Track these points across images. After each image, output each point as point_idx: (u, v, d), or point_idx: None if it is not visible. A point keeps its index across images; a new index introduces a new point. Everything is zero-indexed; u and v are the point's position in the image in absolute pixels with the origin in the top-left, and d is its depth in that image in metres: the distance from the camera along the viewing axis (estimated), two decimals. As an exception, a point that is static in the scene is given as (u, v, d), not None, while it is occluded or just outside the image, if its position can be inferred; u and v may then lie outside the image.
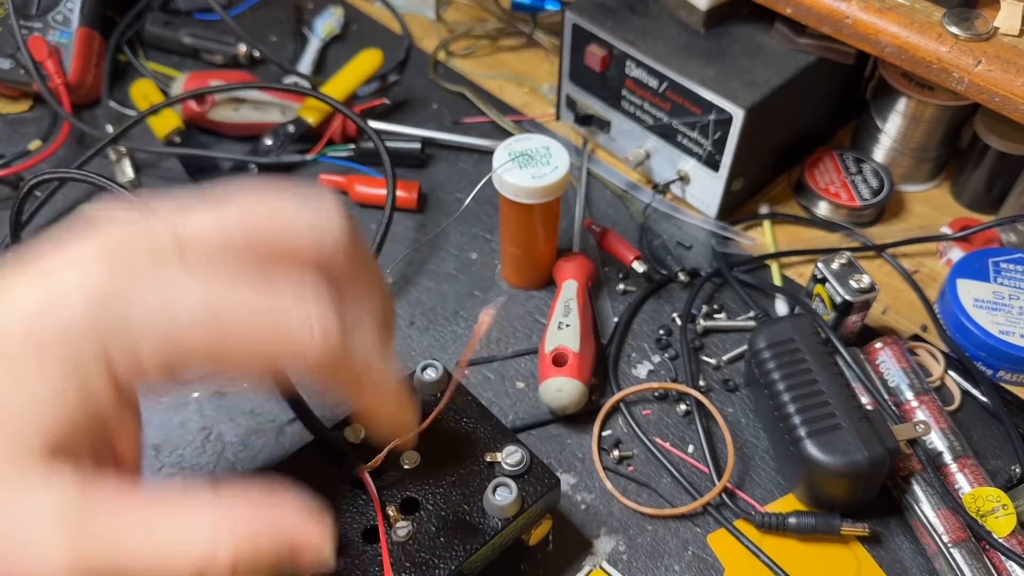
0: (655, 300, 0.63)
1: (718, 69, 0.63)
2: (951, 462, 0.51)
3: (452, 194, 0.71)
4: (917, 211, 0.71)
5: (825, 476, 0.48)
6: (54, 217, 0.68)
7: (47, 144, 0.70)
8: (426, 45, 0.84)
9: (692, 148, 0.66)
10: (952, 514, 0.49)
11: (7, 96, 0.76)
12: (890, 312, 0.63)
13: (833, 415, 0.49)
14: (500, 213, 0.60)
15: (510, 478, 0.44)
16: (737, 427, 0.56)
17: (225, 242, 0.30)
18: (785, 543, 0.51)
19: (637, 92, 0.67)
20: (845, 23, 0.59)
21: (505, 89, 0.80)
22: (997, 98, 0.54)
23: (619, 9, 0.68)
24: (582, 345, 0.56)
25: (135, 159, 0.72)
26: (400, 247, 0.67)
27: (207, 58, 0.80)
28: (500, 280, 0.65)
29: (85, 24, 0.75)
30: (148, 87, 0.75)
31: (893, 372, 0.55)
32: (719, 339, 0.61)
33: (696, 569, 0.50)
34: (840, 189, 0.68)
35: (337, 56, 0.82)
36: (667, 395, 0.58)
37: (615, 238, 0.65)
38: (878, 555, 0.50)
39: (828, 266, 0.57)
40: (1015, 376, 0.58)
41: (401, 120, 0.76)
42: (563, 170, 0.56)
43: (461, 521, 0.43)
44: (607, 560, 0.50)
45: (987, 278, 0.60)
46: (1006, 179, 0.67)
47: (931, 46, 0.56)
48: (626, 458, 0.55)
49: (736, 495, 0.53)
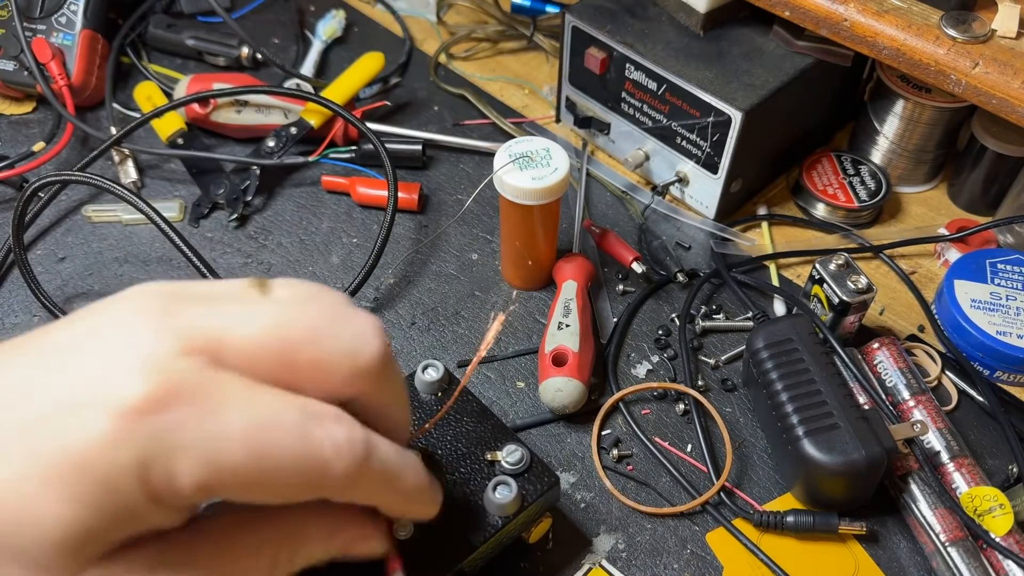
0: (654, 300, 0.64)
1: (717, 72, 0.63)
2: (948, 462, 0.52)
3: (453, 195, 0.71)
4: (914, 212, 0.71)
5: (823, 475, 0.49)
6: (57, 219, 0.68)
7: (51, 146, 0.70)
8: (427, 48, 0.84)
9: (691, 150, 0.66)
10: (949, 513, 0.49)
11: (11, 98, 0.77)
12: (888, 313, 0.64)
13: (831, 415, 0.49)
14: (501, 214, 0.60)
15: (510, 476, 0.44)
16: (735, 426, 0.56)
17: (263, 353, 0.29)
18: (783, 542, 0.51)
19: (636, 94, 0.67)
20: (843, 26, 0.59)
21: (505, 91, 0.80)
22: (994, 100, 0.54)
23: (618, 12, 0.68)
24: (582, 345, 0.56)
25: (138, 161, 0.72)
26: (401, 248, 0.67)
27: (210, 60, 0.81)
28: (501, 281, 0.65)
29: (88, 26, 0.75)
30: (151, 89, 0.75)
31: (890, 372, 0.56)
32: (718, 339, 0.61)
33: (695, 567, 0.50)
34: (838, 190, 0.68)
35: (339, 58, 0.83)
36: (666, 395, 0.58)
37: (614, 239, 0.65)
38: (876, 554, 0.51)
39: (826, 267, 0.57)
40: (1012, 376, 0.58)
41: (402, 122, 0.76)
42: (563, 172, 0.56)
43: (462, 519, 0.44)
44: (606, 558, 0.50)
45: (984, 279, 0.60)
46: (1003, 180, 0.68)
47: (929, 48, 0.56)
48: (625, 457, 0.55)
49: (734, 494, 0.53)
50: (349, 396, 0.31)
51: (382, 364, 0.31)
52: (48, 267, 0.65)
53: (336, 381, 0.30)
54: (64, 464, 0.26)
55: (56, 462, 0.26)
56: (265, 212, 0.70)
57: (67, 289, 0.64)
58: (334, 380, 0.30)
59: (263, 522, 0.32)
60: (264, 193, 0.70)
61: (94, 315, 0.29)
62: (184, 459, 0.27)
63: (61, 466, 0.26)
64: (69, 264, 0.65)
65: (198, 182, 0.70)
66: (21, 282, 0.61)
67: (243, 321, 0.29)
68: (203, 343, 0.28)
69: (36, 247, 0.66)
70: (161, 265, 0.65)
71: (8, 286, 0.63)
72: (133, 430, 0.26)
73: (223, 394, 0.28)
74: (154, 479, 0.27)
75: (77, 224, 0.68)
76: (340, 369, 0.30)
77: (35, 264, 0.64)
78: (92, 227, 0.68)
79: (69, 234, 0.67)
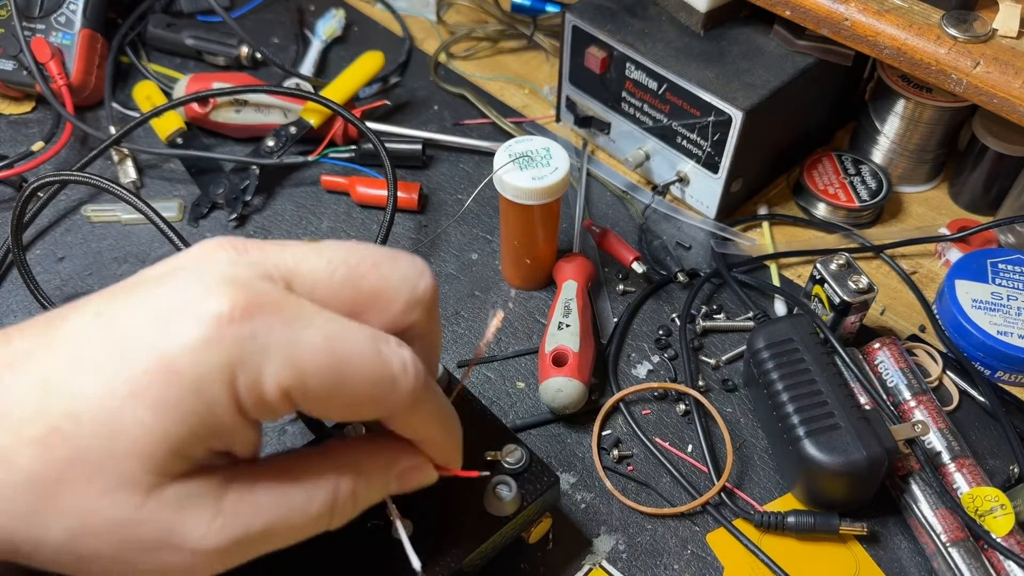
0: (654, 300, 0.64)
1: (717, 71, 0.63)
2: (949, 462, 0.51)
3: (453, 195, 0.71)
4: (915, 212, 0.71)
5: (823, 476, 0.49)
6: (56, 219, 0.68)
7: (50, 145, 0.70)
8: (427, 47, 0.84)
9: (691, 150, 0.66)
10: (950, 514, 0.49)
11: (10, 97, 0.77)
12: (888, 313, 0.63)
13: (831, 415, 0.49)
14: (501, 214, 0.60)
15: (510, 476, 0.44)
16: (736, 427, 0.56)
17: (331, 280, 0.32)
18: (784, 542, 0.51)
19: (637, 94, 0.67)
20: (844, 25, 0.59)
21: (506, 91, 0.80)
22: (995, 99, 0.54)
23: (619, 11, 0.68)
24: (582, 345, 0.56)
25: (137, 160, 0.72)
26: (401, 248, 0.67)
27: (209, 60, 0.81)
28: (501, 281, 0.65)
29: (88, 26, 0.75)
30: (150, 88, 0.75)
31: (891, 372, 0.55)
32: (718, 339, 0.61)
33: (695, 568, 0.50)
34: (839, 190, 0.68)
35: (339, 58, 0.83)
36: (666, 395, 0.58)
37: (615, 239, 0.65)
38: (876, 554, 0.51)
39: (827, 267, 0.57)
40: (1013, 376, 0.58)
41: (402, 122, 0.76)
42: (563, 171, 0.56)
43: (461, 519, 0.43)
44: (607, 559, 0.50)
45: (985, 279, 0.60)
46: (1004, 180, 0.68)
47: (930, 48, 0.56)
48: (626, 457, 0.55)
49: (735, 494, 0.53)
50: (406, 326, 0.34)
51: (434, 295, 0.34)
52: (47, 267, 0.65)
53: (397, 308, 0.33)
54: (154, 371, 0.27)
55: (147, 371, 0.27)
56: (264, 212, 0.69)
57: (66, 289, 0.63)
58: (395, 307, 0.33)
59: (322, 455, 0.34)
60: (263, 193, 0.70)
61: (175, 258, 0.31)
62: (270, 364, 0.28)
63: (152, 374, 0.27)
64: (68, 264, 0.65)
65: (197, 182, 0.70)
66: (20, 282, 0.61)
67: (311, 256, 0.32)
68: (278, 272, 0.31)
69: (35, 247, 0.66)
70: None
71: (7, 286, 0.63)
72: (222, 335, 0.27)
73: (303, 309, 0.29)
74: (241, 384, 0.28)
75: (76, 224, 0.68)
76: (400, 295, 0.33)
77: (34, 264, 0.64)
78: (91, 227, 0.68)
79: (68, 234, 0.67)
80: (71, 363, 0.28)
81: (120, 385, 0.27)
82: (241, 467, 0.31)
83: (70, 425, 0.27)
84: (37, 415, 0.27)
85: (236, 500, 0.30)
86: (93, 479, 0.28)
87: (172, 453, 0.28)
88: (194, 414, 0.28)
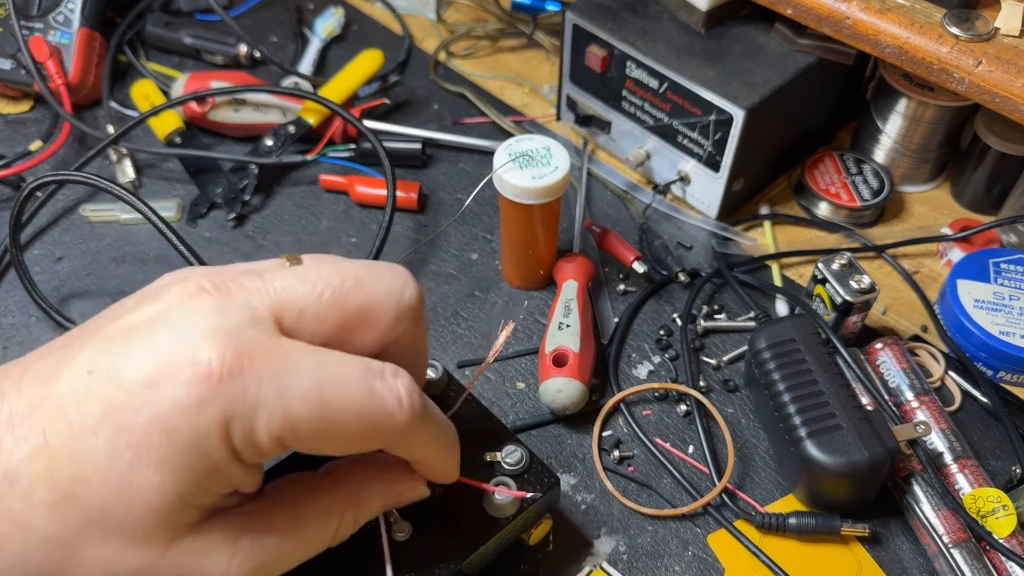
0: (655, 300, 0.63)
1: (718, 70, 0.63)
2: (951, 463, 0.51)
3: (453, 195, 0.71)
4: (917, 212, 0.71)
5: (825, 476, 0.48)
6: (54, 218, 0.68)
7: (48, 145, 0.70)
8: (427, 46, 0.84)
9: (692, 149, 0.66)
10: (952, 515, 0.49)
11: (8, 97, 0.76)
12: (890, 313, 0.63)
13: (833, 415, 0.49)
14: (501, 214, 0.60)
15: (510, 477, 0.44)
16: (737, 427, 0.56)
17: (318, 305, 0.32)
18: (785, 543, 0.51)
19: (637, 93, 0.67)
20: (845, 24, 0.59)
21: (505, 90, 0.80)
22: (997, 99, 0.54)
23: (619, 10, 0.68)
24: (582, 345, 0.56)
25: (136, 160, 0.72)
26: (401, 247, 0.67)
27: (208, 59, 0.80)
28: (501, 280, 0.65)
29: (86, 24, 0.75)
30: (149, 88, 0.75)
31: (893, 372, 0.55)
32: (719, 339, 0.61)
33: (696, 569, 0.50)
34: (840, 190, 0.68)
35: (338, 56, 0.82)
36: (667, 395, 0.58)
37: (615, 238, 0.65)
38: (878, 555, 0.50)
39: (828, 267, 0.57)
40: (1015, 377, 0.58)
41: (402, 121, 0.76)
42: (563, 171, 0.56)
43: (461, 521, 0.43)
44: (607, 560, 0.50)
45: (987, 279, 0.60)
46: (1006, 180, 0.67)
47: (931, 47, 0.56)
48: (626, 458, 0.55)
49: (736, 495, 0.53)
50: (394, 339, 0.34)
51: (419, 303, 0.35)
52: (45, 267, 0.65)
53: (386, 322, 0.33)
54: (153, 434, 0.28)
55: (146, 432, 0.28)
56: (263, 211, 0.69)
57: (64, 289, 0.63)
58: (384, 322, 0.33)
59: (330, 488, 0.36)
60: (262, 192, 0.70)
61: (153, 300, 0.31)
62: (261, 416, 0.29)
63: (151, 436, 0.28)
64: (67, 264, 0.65)
65: (196, 181, 0.70)
66: (18, 282, 0.61)
67: (294, 283, 0.32)
68: (265, 311, 0.31)
69: (33, 247, 0.66)
70: (159, 265, 0.65)
71: (5, 286, 0.63)
72: (214, 394, 0.28)
73: (292, 355, 0.30)
74: (236, 436, 0.29)
75: (74, 224, 0.68)
76: (387, 310, 0.33)
77: (32, 264, 0.64)
78: (89, 227, 0.68)
79: (66, 234, 0.67)
80: (71, 426, 0.29)
81: (124, 448, 0.28)
82: (253, 505, 0.33)
83: (82, 489, 0.28)
84: (47, 479, 0.28)
85: (251, 541, 0.32)
86: (111, 536, 0.29)
87: (183, 506, 0.30)
88: (196, 468, 0.29)
